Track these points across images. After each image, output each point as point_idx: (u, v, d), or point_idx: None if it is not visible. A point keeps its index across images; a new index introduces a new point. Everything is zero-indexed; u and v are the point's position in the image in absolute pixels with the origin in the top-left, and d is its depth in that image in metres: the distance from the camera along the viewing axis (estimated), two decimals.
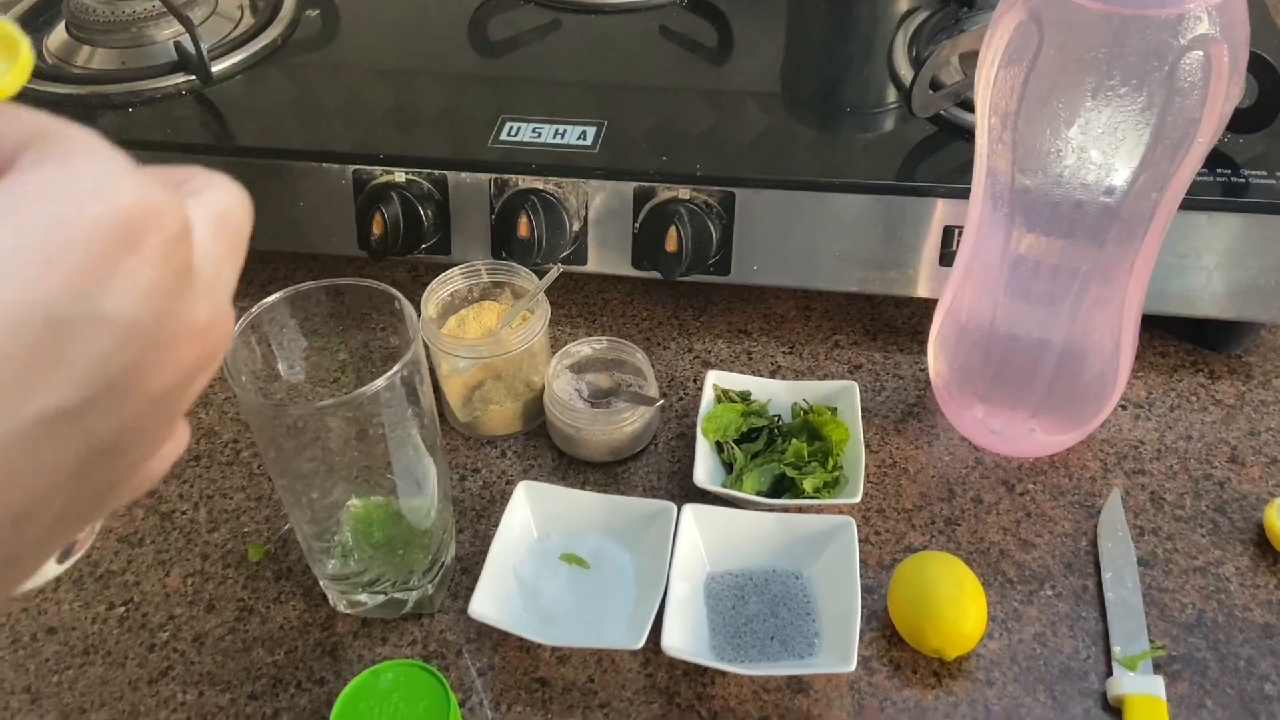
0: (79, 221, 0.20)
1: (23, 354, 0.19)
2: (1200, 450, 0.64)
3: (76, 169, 0.21)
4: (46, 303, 0.19)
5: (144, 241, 0.21)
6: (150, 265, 0.21)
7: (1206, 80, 0.47)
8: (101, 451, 0.21)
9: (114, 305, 0.20)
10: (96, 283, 0.20)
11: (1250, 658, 0.54)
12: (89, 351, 0.20)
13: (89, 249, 0.20)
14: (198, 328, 0.23)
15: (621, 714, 0.53)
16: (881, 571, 0.58)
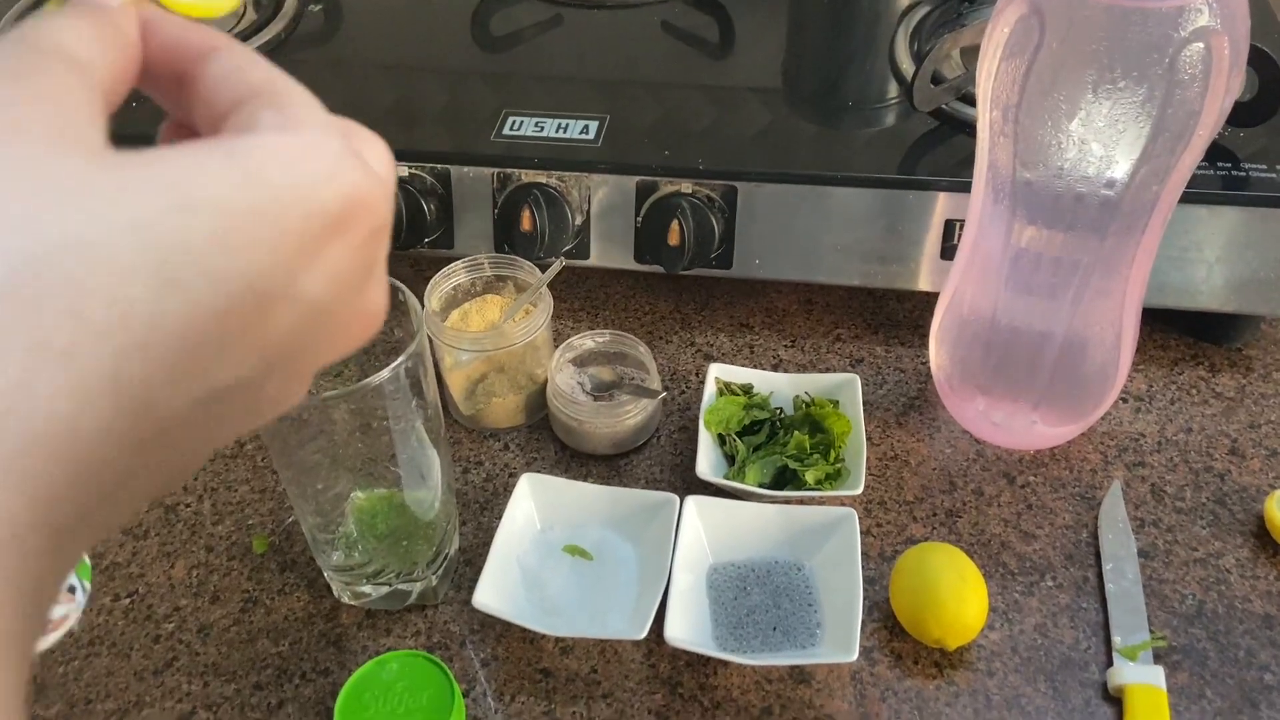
0: (309, 201, 0.20)
1: (224, 331, 0.20)
2: (1200, 443, 0.64)
3: (315, 145, 0.21)
4: (261, 278, 0.20)
5: (351, 229, 0.21)
6: (348, 251, 0.22)
7: (1207, 72, 0.47)
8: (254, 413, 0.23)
9: (310, 286, 0.21)
10: (304, 263, 0.21)
11: (1250, 648, 0.54)
12: (279, 329, 0.21)
13: (308, 228, 0.20)
14: (371, 311, 0.24)
15: (624, 704, 0.53)
16: (883, 563, 0.58)
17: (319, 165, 0.21)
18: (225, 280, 0.19)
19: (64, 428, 0.18)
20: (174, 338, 0.19)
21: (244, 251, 0.19)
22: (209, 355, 0.20)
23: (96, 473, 0.19)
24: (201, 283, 0.19)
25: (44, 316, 0.17)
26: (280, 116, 0.22)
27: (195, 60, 0.24)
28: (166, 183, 0.19)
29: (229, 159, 0.20)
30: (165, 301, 0.18)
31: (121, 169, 0.19)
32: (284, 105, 0.22)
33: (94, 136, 0.20)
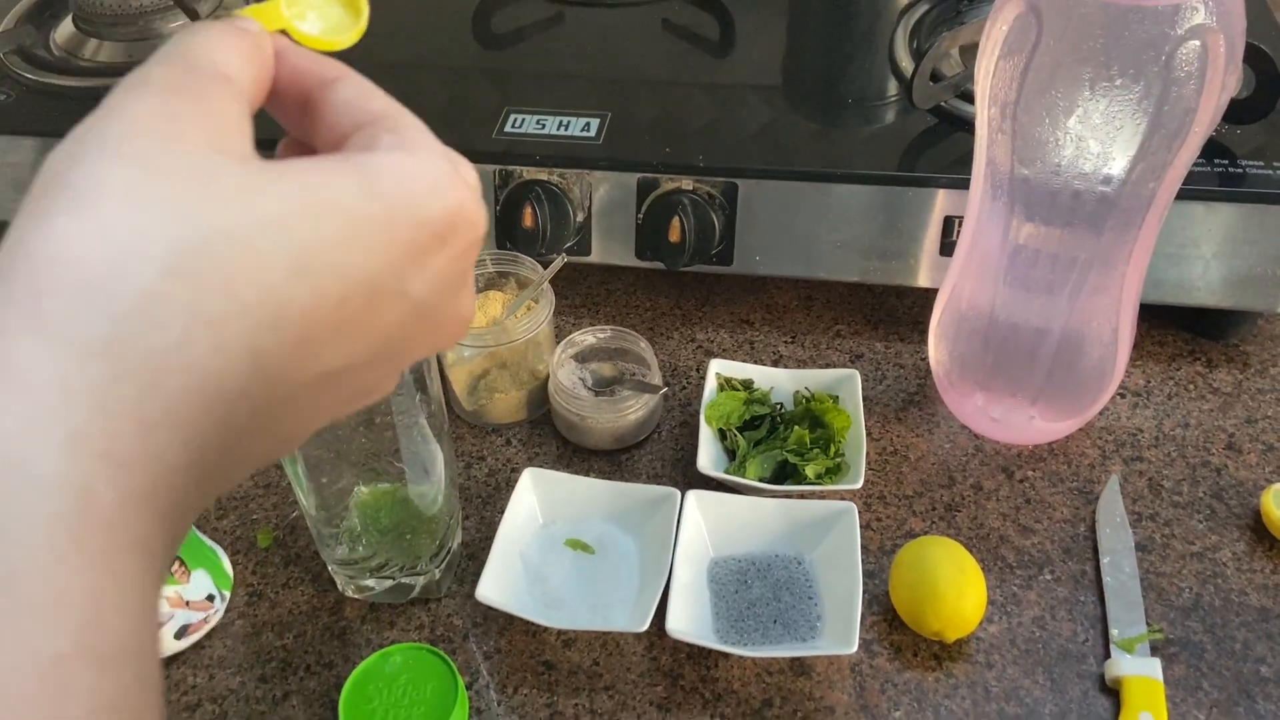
0: (421, 212, 0.24)
1: (341, 319, 0.23)
2: (1198, 438, 0.65)
3: (428, 165, 0.24)
4: (376, 275, 0.23)
5: (453, 239, 0.24)
6: (449, 258, 0.25)
7: (1203, 70, 0.48)
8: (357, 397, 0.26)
9: (415, 287, 0.24)
10: (412, 266, 0.24)
11: (1246, 640, 0.55)
12: (385, 322, 0.24)
13: (418, 236, 0.24)
14: (462, 315, 0.27)
15: (626, 696, 0.53)
16: (882, 557, 0.59)
17: (429, 182, 0.24)
18: (346, 275, 0.22)
19: (211, 385, 0.21)
20: (301, 319, 0.22)
21: (363, 252, 0.23)
22: (327, 338, 0.23)
23: (232, 428, 0.22)
24: (327, 275, 0.22)
25: (201, 292, 0.21)
26: (397, 139, 0.25)
27: (320, 86, 0.27)
28: (301, 187, 0.22)
29: (354, 172, 0.23)
30: (296, 288, 0.22)
31: (265, 175, 0.22)
32: (401, 130, 0.25)
33: (243, 144, 0.23)
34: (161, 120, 0.22)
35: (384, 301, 0.23)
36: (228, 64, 0.24)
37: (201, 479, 0.22)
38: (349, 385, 0.24)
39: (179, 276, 0.20)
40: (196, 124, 0.22)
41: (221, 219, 0.21)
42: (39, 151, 0.72)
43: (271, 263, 0.21)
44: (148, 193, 0.21)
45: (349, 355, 0.23)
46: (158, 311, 0.20)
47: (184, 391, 0.21)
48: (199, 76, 0.24)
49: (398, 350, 0.25)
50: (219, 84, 0.24)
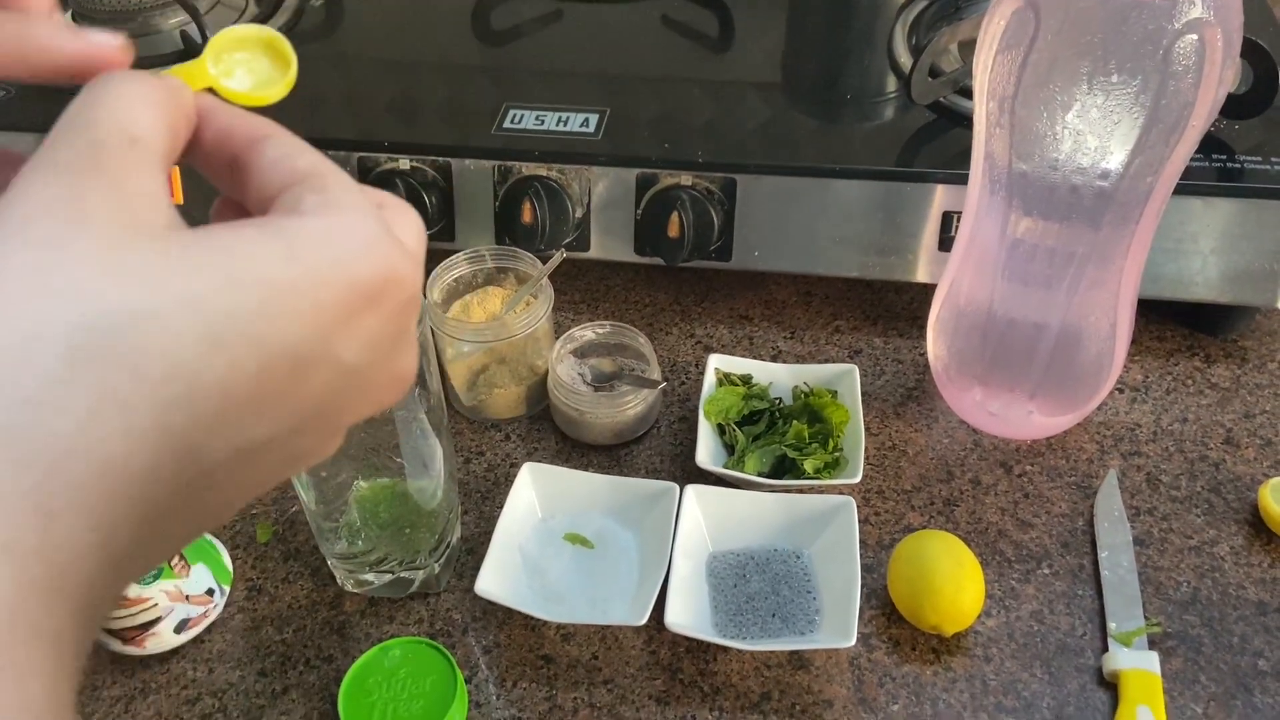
0: (345, 274, 0.23)
1: (263, 389, 0.22)
2: (1195, 432, 0.65)
3: (353, 226, 0.24)
4: (299, 343, 0.22)
5: (383, 300, 0.24)
6: (381, 320, 0.24)
7: (1200, 64, 0.48)
8: (289, 464, 0.25)
9: (344, 351, 0.23)
10: (340, 330, 0.23)
11: (1244, 634, 0.55)
12: (313, 389, 0.23)
13: (345, 301, 0.23)
14: (400, 374, 0.26)
15: (625, 690, 0.53)
16: (881, 551, 0.59)
17: (354, 244, 0.23)
18: (265, 346, 0.22)
19: (119, 466, 0.20)
20: (216, 394, 0.21)
21: (284, 321, 0.22)
22: (248, 410, 0.22)
23: (146, 510, 0.21)
24: (244, 347, 0.21)
25: (106, 373, 0.20)
26: (322, 199, 0.24)
27: (248, 146, 0.26)
28: (217, 261, 0.22)
29: (274, 239, 0.23)
30: (211, 362, 0.21)
31: (179, 247, 0.22)
32: (325, 189, 0.24)
33: (156, 215, 0.22)
34: (66, 203, 0.21)
35: (310, 369, 0.23)
36: (136, 125, 0.23)
37: (117, 563, 0.21)
38: (278, 454, 0.24)
39: (83, 359, 0.20)
40: (104, 202, 0.22)
41: (130, 298, 0.21)
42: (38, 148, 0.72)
43: (184, 339, 0.21)
44: (53, 275, 0.20)
45: (274, 426, 0.23)
46: (59, 396, 0.20)
47: (89, 477, 0.20)
48: (104, 150, 0.23)
49: (331, 416, 0.24)
50: (127, 152, 0.23)
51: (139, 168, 0.23)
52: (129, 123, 0.23)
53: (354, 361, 0.24)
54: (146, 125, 0.24)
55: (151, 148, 0.24)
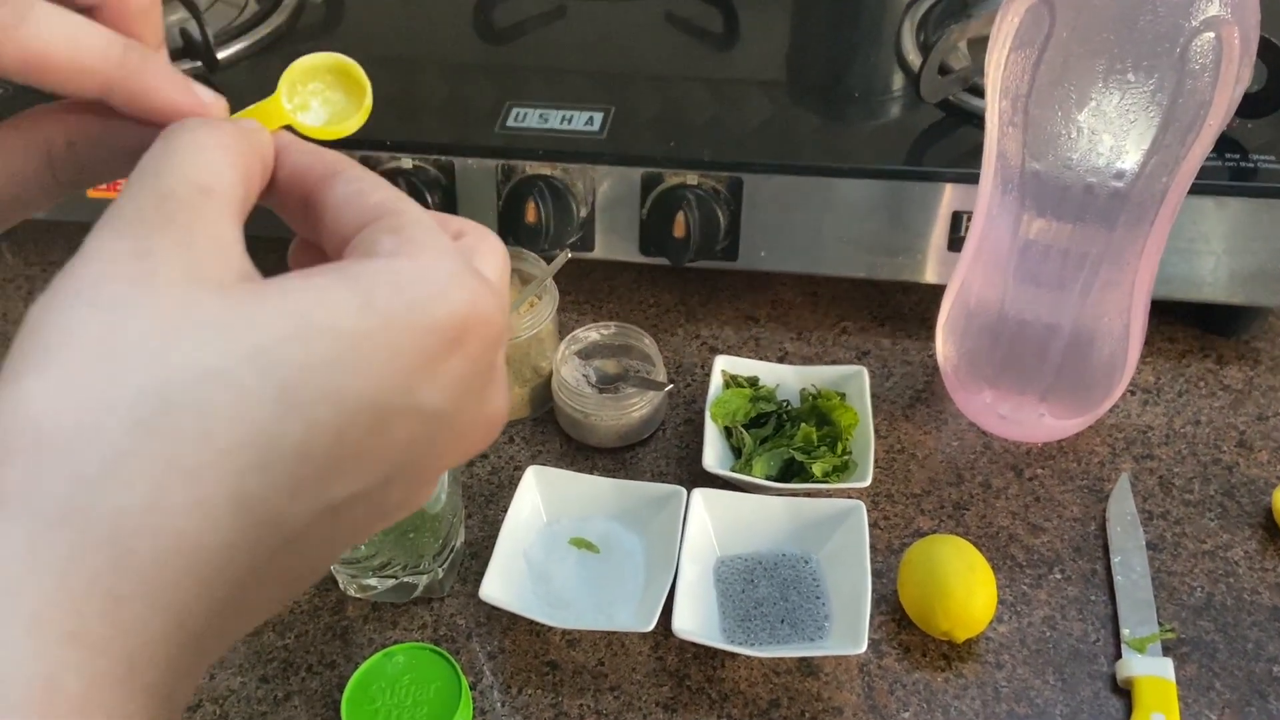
0: (425, 319, 0.22)
1: (343, 447, 0.21)
2: (1208, 435, 0.64)
3: (431, 267, 0.22)
4: (379, 395, 0.21)
5: (467, 342, 0.22)
6: (466, 362, 0.23)
7: (1218, 62, 0.47)
8: (378, 518, 0.24)
9: (428, 398, 0.22)
10: (422, 377, 0.22)
11: (1259, 640, 0.54)
12: (397, 441, 0.22)
13: (425, 347, 0.22)
14: (491, 416, 0.25)
15: (632, 696, 0.53)
16: (890, 556, 0.58)
17: (432, 286, 0.22)
18: (343, 401, 0.21)
19: (190, 543, 0.19)
20: (294, 456, 0.20)
21: (362, 373, 0.21)
22: (329, 470, 0.21)
23: (224, 584, 0.20)
24: (321, 404, 0.20)
25: (174, 440, 0.19)
26: (398, 240, 0.23)
27: (319, 184, 0.25)
28: (288, 311, 0.21)
29: (348, 286, 0.21)
30: (286, 422, 0.20)
31: (249, 300, 0.21)
32: (400, 228, 0.23)
33: (225, 268, 0.22)
34: (133, 260, 0.21)
35: (392, 421, 0.22)
36: (208, 174, 0.23)
37: (196, 642, 0.20)
38: (365, 510, 0.23)
39: (148, 429, 0.19)
40: (172, 257, 0.21)
41: (197, 358, 0.20)
42: None
43: (256, 399, 0.20)
44: (118, 339, 0.20)
45: (358, 483, 0.22)
46: (125, 471, 0.19)
47: (158, 556, 0.19)
48: (174, 200, 0.22)
49: (420, 466, 0.23)
50: (199, 203, 0.22)
51: (210, 218, 0.22)
52: (201, 172, 0.23)
53: (439, 408, 0.22)
54: (219, 174, 0.23)
55: (224, 197, 0.23)
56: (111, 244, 0.21)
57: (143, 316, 0.20)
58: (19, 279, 0.78)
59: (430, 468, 0.24)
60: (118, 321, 0.20)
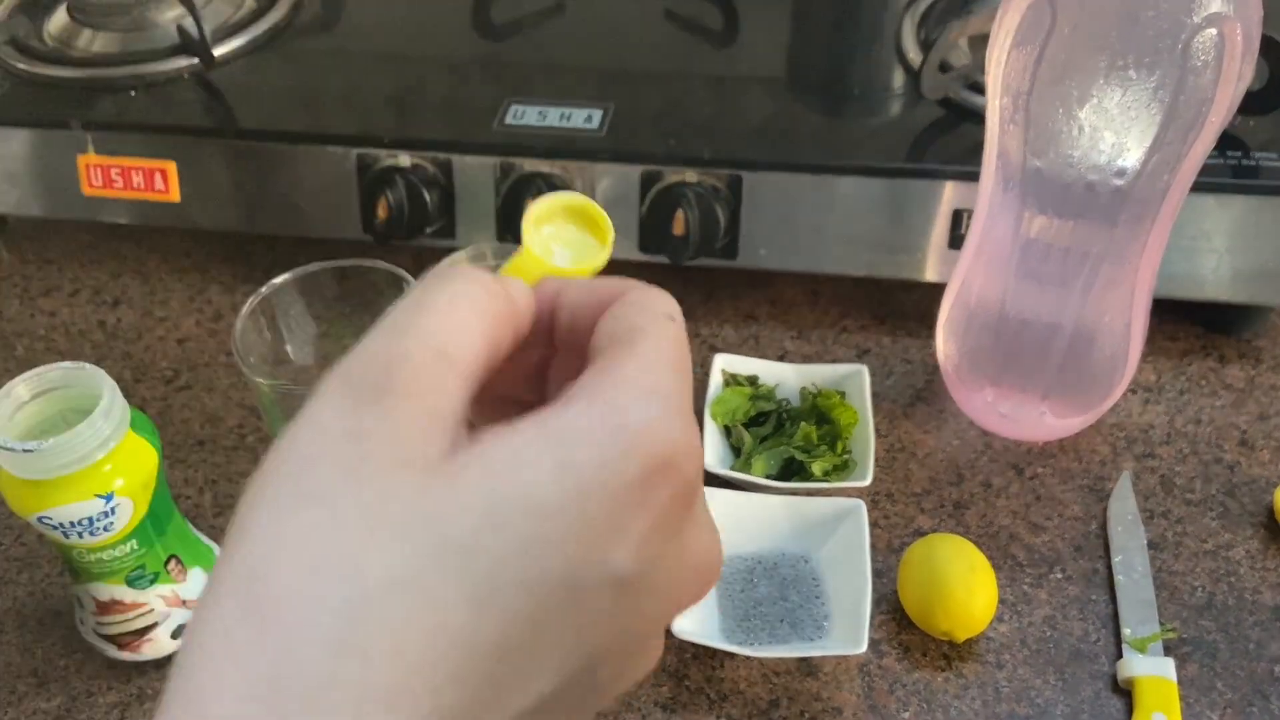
0: (615, 481, 0.20)
1: (540, 634, 0.19)
2: (1210, 434, 0.64)
3: (626, 415, 0.21)
4: (574, 570, 0.20)
5: (654, 494, 0.20)
6: (653, 516, 0.21)
7: (1220, 59, 0.47)
8: (597, 698, 0.22)
9: (620, 563, 0.20)
10: (613, 542, 0.20)
11: (1260, 640, 0.54)
12: (597, 615, 0.20)
13: (613, 510, 0.20)
14: (701, 563, 0.23)
15: (631, 696, 0.52)
16: (890, 555, 0.58)
17: (623, 440, 0.20)
18: (539, 584, 0.19)
19: None
20: (490, 657, 0.19)
21: (555, 549, 0.19)
22: (528, 664, 0.20)
23: None
24: (515, 593, 0.19)
25: (368, 662, 0.18)
26: (596, 380, 0.22)
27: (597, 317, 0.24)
28: (484, 490, 0.19)
29: (545, 444, 0.20)
30: (481, 623, 0.19)
31: (443, 485, 0.20)
32: (617, 366, 0.22)
33: (429, 446, 0.20)
34: (347, 442, 0.20)
35: (588, 594, 0.20)
36: (453, 339, 0.22)
37: None
38: (580, 693, 0.21)
39: (345, 652, 0.18)
40: (383, 438, 0.20)
41: (387, 565, 0.19)
42: (32, 143, 0.71)
43: (449, 604, 0.19)
44: (320, 547, 0.19)
45: (563, 669, 0.20)
46: (324, 701, 0.18)
47: None
48: (406, 369, 0.21)
49: (628, 636, 0.22)
50: (430, 371, 0.21)
51: (438, 388, 0.21)
52: (447, 336, 0.22)
53: (632, 569, 0.20)
54: (465, 340, 0.22)
55: (463, 365, 0.22)
56: (332, 420, 0.21)
57: (344, 517, 0.19)
58: (14, 276, 0.77)
59: (639, 635, 0.22)
60: (322, 523, 0.19)
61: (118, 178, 0.71)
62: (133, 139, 0.70)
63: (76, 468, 0.45)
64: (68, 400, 0.47)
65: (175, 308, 0.74)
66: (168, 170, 0.70)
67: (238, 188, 0.71)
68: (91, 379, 0.47)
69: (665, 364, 0.22)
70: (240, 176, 0.70)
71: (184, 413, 0.67)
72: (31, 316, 0.74)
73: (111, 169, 0.70)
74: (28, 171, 0.72)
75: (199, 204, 0.71)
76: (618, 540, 0.20)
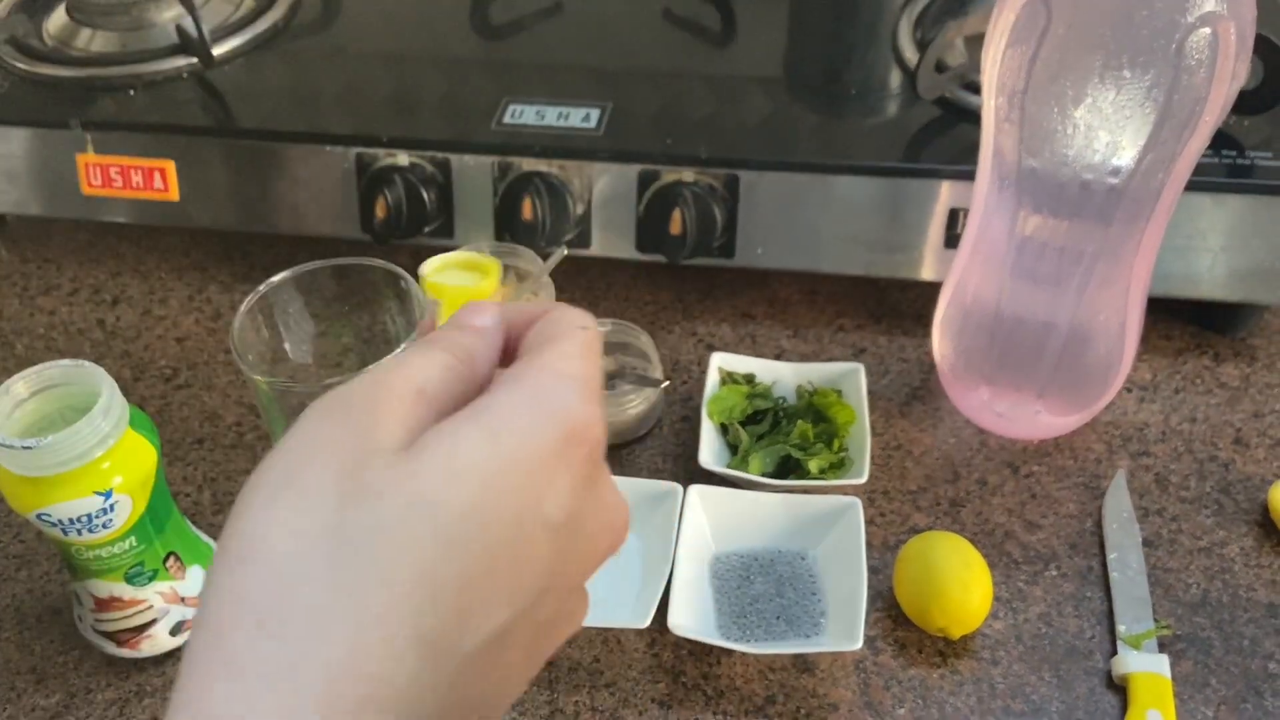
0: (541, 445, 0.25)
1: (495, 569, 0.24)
2: (1205, 432, 0.64)
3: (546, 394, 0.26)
4: (518, 517, 0.24)
5: (569, 456, 0.26)
6: (573, 474, 0.26)
7: (1214, 58, 0.47)
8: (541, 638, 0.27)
9: (552, 511, 0.25)
10: (545, 493, 0.25)
11: (1254, 637, 0.54)
12: (536, 555, 0.25)
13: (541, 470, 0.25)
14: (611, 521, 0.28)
15: (627, 693, 0.53)
16: (886, 553, 0.58)
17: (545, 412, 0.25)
18: (490, 528, 0.24)
19: (385, 687, 0.22)
20: (457, 586, 0.23)
21: (502, 499, 0.24)
22: (488, 595, 0.24)
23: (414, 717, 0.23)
24: (473, 536, 0.23)
25: (364, 589, 0.22)
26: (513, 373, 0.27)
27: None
28: (436, 459, 0.24)
29: (477, 426, 0.25)
30: (448, 557, 0.23)
31: (404, 458, 0.24)
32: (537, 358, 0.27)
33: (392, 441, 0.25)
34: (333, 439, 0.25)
35: (531, 538, 0.25)
36: (428, 380, 0.26)
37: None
38: (528, 630, 0.25)
39: (343, 581, 0.22)
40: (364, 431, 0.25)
41: (373, 515, 0.23)
42: (31, 142, 0.71)
43: (421, 541, 0.23)
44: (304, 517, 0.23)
45: (514, 603, 0.24)
46: (326, 624, 0.22)
47: (360, 699, 0.21)
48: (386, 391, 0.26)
49: (561, 578, 0.26)
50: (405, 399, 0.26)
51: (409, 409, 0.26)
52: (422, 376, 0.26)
53: (562, 515, 0.25)
54: (437, 381, 0.27)
55: (434, 396, 0.26)
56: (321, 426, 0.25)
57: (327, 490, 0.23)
58: (14, 275, 0.77)
59: (571, 576, 0.27)
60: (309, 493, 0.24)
61: (117, 177, 0.71)
62: (132, 138, 0.70)
63: (75, 465, 0.45)
64: (67, 398, 0.48)
65: (174, 306, 0.75)
66: (167, 169, 0.70)
67: (236, 187, 0.71)
68: (90, 377, 0.47)
69: (576, 357, 0.27)
70: (239, 176, 0.70)
71: (183, 411, 0.67)
72: (31, 315, 0.74)
73: (111, 168, 0.71)
74: (27, 170, 0.72)
75: (198, 203, 0.71)
76: (549, 492, 0.25)
